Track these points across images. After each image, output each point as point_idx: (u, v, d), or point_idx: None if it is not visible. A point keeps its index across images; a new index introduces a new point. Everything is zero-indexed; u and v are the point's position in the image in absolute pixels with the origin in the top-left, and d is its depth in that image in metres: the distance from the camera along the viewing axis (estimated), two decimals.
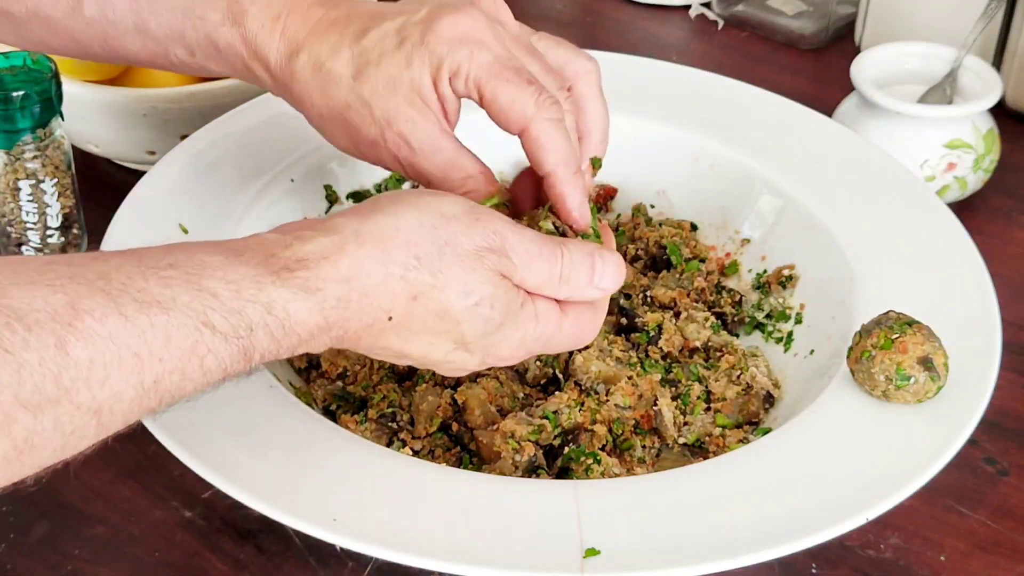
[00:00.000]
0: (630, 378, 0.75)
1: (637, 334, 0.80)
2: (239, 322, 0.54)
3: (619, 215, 0.91)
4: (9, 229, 0.87)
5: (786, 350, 0.81)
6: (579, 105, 0.71)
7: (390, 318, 0.59)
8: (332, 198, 0.88)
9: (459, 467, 0.72)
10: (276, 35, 0.68)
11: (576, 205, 0.66)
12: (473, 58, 0.65)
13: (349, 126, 0.67)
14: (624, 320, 0.81)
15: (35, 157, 0.84)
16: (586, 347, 0.77)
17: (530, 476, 0.71)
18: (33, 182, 0.84)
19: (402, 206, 0.60)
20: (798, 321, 0.82)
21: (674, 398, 0.76)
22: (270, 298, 0.55)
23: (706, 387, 0.77)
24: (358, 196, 0.88)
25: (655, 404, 0.75)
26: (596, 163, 0.72)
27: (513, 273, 0.61)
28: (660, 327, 0.79)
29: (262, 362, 0.56)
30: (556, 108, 0.66)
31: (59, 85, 0.83)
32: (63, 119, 0.84)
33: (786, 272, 0.84)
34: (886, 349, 0.68)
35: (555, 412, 0.72)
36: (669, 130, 0.90)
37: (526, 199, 0.71)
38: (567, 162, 0.66)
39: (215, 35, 0.69)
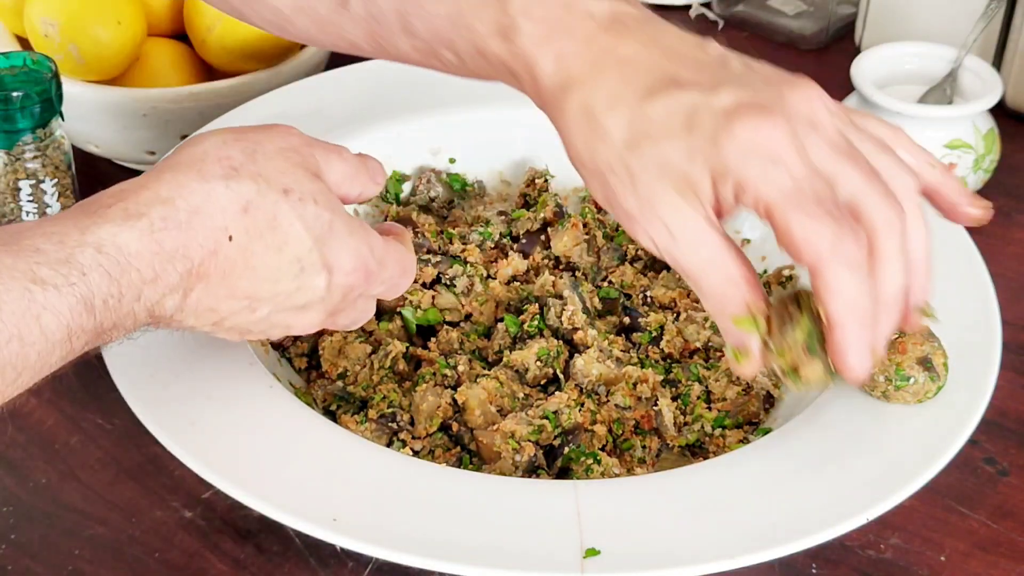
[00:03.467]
0: (630, 378, 0.75)
1: (638, 334, 0.80)
2: (70, 270, 0.53)
3: None
4: None
5: None
6: None
7: (230, 237, 0.59)
8: None
9: (459, 467, 0.72)
10: (549, 57, 0.60)
11: (855, 363, 0.57)
12: (767, 178, 0.55)
13: (607, 186, 0.59)
14: (627, 319, 0.81)
15: (35, 157, 0.84)
16: (587, 348, 0.77)
17: (530, 476, 0.71)
18: (33, 182, 0.84)
19: (202, 136, 0.62)
20: None
21: (674, 398, 0.76)
22: (96, 237, 0.55)
23: (706, 387, 0.77)
24: None
25: (655, 404, 0.75)
26: (927, 311, 0.62)
27: (319, 168, 0.63)
28: (662, 328, 0.79)
29: (111, 313, 0.55)
30: (855, 248, 0.55)
31: (59, 85, 0.83)
32: (63, 119, 0.84)
33: (786, 272, 0.84)
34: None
35: (555, 412, 0.72)
36: None
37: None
38: (855, 312, 0.56)
39: (483, 46, 0.62)
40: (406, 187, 0.91)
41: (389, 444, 0.72)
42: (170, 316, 0.59)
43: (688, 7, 1.24)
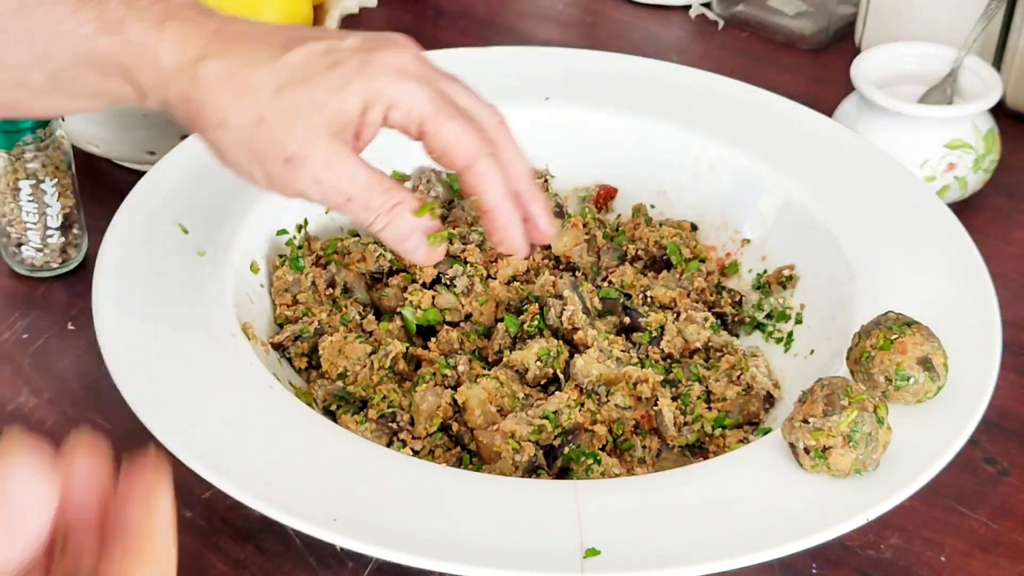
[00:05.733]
0: (630, 378, 0.75)
1: (639, 334, 0.80)
2: None
3: (619, 215, 0.91)
4: (9, 229, 0.87)
5: (786, 350, 0.81)
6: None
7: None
8: None
9: (459, 467, 0.72)
10: (168, 39, 0.63)
11: (514, 240, 0.67)
12: (416, 95, 0.63)
13: (255, 144, 0.63)
14: (627, 319, 0.81)
15: (35, 157, 0.84)
16: (587, 348, 0.77)
17: (530, 476, 0.71)
18: (33, 182, 0.84)
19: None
20: (798, 321, 0.82)
21: (674, 398, 0.76)
22: None
23: (706, 387, 0.77)
24: None
25: (655, 404, 0.75)
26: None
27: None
28: (663, 328, 0.79)
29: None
30: (489, 146, 0.65)
31: None
32: (63, 119, 0.84)
33: (786, 272, 0.84)
34: (885, 350, 0.68)
35: (555, 412, 0.72)
36: (669, 130, 0.90)
37: None
38: (504, 195, 0.66)
39: (91, 47, 0.63)
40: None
41: (389, 444, 0.72)
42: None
43: (688, 7, 1.24)
